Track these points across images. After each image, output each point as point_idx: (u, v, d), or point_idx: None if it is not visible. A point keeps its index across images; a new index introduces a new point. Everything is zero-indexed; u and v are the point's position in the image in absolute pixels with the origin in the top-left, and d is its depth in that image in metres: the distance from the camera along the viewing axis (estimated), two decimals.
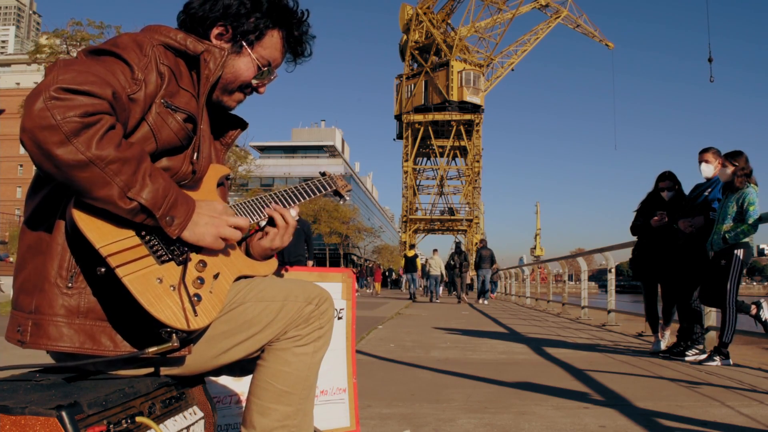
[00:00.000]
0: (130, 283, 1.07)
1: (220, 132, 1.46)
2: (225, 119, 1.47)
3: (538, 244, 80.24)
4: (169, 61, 1.22)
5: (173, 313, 1.09)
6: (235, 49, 1.34)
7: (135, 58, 1.15)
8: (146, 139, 1.17)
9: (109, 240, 1.09)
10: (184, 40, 1.26)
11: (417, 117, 51.60)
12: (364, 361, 4.42)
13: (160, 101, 1.18)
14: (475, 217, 51.72)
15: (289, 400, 1.30)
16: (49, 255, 1.14)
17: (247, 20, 1.34)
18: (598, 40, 54.32)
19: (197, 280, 1.17)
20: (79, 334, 1.12)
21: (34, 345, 1.13)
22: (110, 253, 1.07)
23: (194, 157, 1.26)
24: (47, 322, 1.12)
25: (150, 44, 1.19)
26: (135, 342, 1.15)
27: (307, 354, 1.32)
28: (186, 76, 1.26)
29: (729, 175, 4.48)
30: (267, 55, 1.38)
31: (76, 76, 1.01)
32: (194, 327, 1.11)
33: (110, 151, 1.01)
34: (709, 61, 33.05)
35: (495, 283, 22.76)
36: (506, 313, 11.88)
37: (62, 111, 0.97)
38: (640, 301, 6.79)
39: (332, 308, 1.39)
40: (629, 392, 3.29)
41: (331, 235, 49.49)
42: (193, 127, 1.25)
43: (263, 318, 1.27)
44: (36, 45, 22.77)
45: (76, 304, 1.13)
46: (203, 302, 1.15)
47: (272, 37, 1.38)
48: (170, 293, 1.11)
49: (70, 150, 0.97)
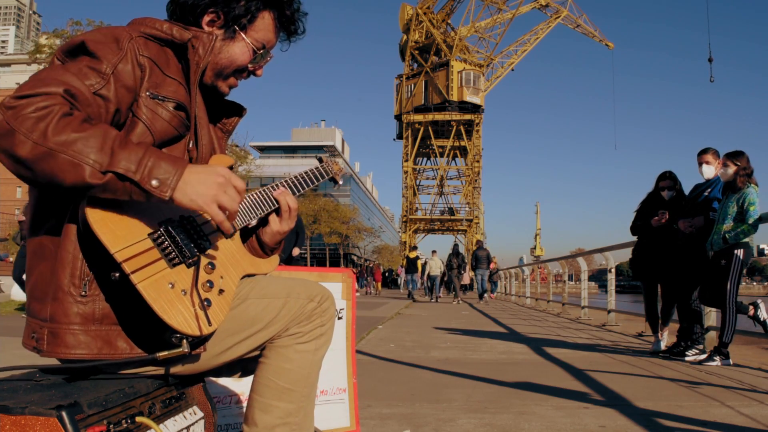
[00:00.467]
0: (144, 290, 1.06)
1: (219, 119, 1.46)
2: (222, 106, 1.46)
3: (538, 244, 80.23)
4: (150, 52, 1.20)
5: (185, 319, 1.10)
6: (229, 34, 1.33)
7: (108, 53, 1.14)
8: (142, 135, 1.17)
9: (123, 244, 1.08)
10: (170, 29, 1.25)
11: (417, 117, 51.59)
12: (364, 361, 4.42)
13: (145, 94, 1.17)
14: (475, 217, 51.70)
15: (290, 397, 1.30)
16: (59, 263, 1.13)
17: (238, 4, 1.33)
18: (598, 40, 54.32)
19: (207, 283, 1.17)
20: (96, 340, 1.13)
21: (51, 354, 1.13)
22: (125, 258, 1.06)
23: (190, 145, 1.26)
24: (64, 331, 1.12)
25: (128, 38, 1.18)
26: (148, 342, 1.16)
27: (309, 351, 1.32)
28: (174, 65, 1.25)
29: (731, 175, 4.47)
30: (260, 37, 1.37)
31: (33, 83, 1.03)
32: (205, 333, 1.12)
33: (69, 134, 1.00)
34: (709, 61, 33.06)
35: (495, 283, 22.78)
36: (506, 313, 11.88)
37: (14, 115, 0.99)
38: (640, 301, 6.79)
39: (334, 306, 1.40)
40: (629, 392, 3.29)
41: (331, 235, 49.49)
42: (186, 115, 1.24)
43: (266, 315, 1.28)
44: (36, 45, 22.75)
45: (91, 311, 1.13)
46: (213, 307, 1.16)
47: (264, 19, 1.37)
48: (182, 298, 1.11)
49: (30, 146, 0.98)
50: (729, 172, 4.49)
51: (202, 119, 1.31)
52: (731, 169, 4.48)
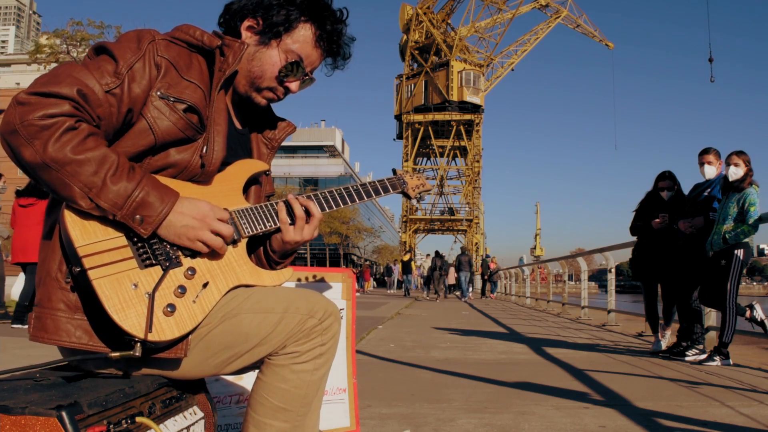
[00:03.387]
0: (99, 287, 1.05)
1: (264, 131, 1.46)
2: (271, 119, 1.46)
3: (538, 244, 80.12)
4: (170, 54, 1.21)
5: (137, 321, 1.06)
6: (263, 40, 1.33)
7: (126, 53, 1.15)
8: (143, 132, 1.17)
9: (92, 239, 1.08)
10: (201, 35, 1.26)
11: (417, 117, 51.54)
12: (364, 361, 4.41)
13: (155, 93, 1.17)
14: (475, 217, 51.67)
15: (285, 416, 1.24)
16: (51, 250, 1.16)
17: (278, 12, 1.32)
18: (598, 40, 54.28)
19: (178, 288, 1.13)
20: (77, 329, 1.13)
21: (34, 338, 1.15)
22: (87, 253, 1.07)
23: (203, 150, 1.24)
24: (46, 315, 1.13)
25: (149, 39, 1.19)
26: (118, 340, 1.13)
27: (307, 372, 1.24)
28: (196, 69, 1.25)
29: (741, 175, 4.45)
30: (297, 49, 1.34)
31: (49, 80, 1.07)
32: (153, 339, 1.07)
33: (65, 153, 1.03)
34: (709, 61, 33.06)
35: (495, 283, 22.82)
36: (506, 313, 11.88)
37: (22, 115, 1.02)
38: (640, 301, 6.79)
39: (338, 323, 1.29)
40: (629, 392, 3.29)
41: (331, 235, 49.46)
42: (198, 119, 1.22)
43: (260, 331, 1.20)
44: (36, 45, 22.75)
45: (74, 299, 1.14)
46: (178, 313, 1.11)
47: (303, 30, 1.34)
48: (143, 300, 1.08)
49: (31, 152, 1.03)
50: (740, 173, 4.46)
51: (219, 126, 1.28)
52: (742, 170, 4.46)
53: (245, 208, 1.30)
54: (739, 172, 4.46)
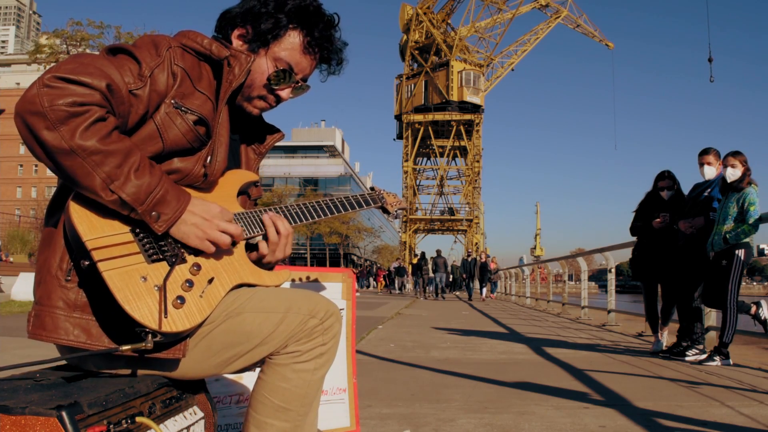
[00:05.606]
0: (109, 278, 1.06)
1: (254, 140, 1.46)
2: (260, 128, 1.46)
3: (538, 244, 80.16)
4: (185, 63, 1.21)
5: (150, 312, 1.08)
6: (252, 48, 1.33)
7: (147, 56, 1.16)
8: (151, 138, 1.17)
9: (99, 234, 1.09)
10: (210, 44, 1.25)
11: (417, 117, 51.59)
12: (364, 361, 4.42)
13: (170, 101, 1.18)
14: (475, 217, 51.73)
15: (286, 416, 1.25)
16: (53, 248, 1.16)
17: (267, 20, 1.32)
18: (598, 40, 54.32)
19: (186, 282, 1.14)
20: (75, 328, 1.13)
21: (32, 336, 1.15)
22: (96, 246, 1.08)
23: (207, 161, 1.25)
24: (45, 313, 1.13)
25: (166, 45, 1.19)
26: (122, 338, 1.14)
27: (308, 371, 1.25)
28: (206, 80, 1.25)
29: (740, 176, 4.45)
30: (286, 56, 1.34)
31: (76, 67, 1.04)
32: (166, 329, 1.08)
33: (93, 142, 1.03)
34: (709, 61, 33.09)
35: (495, 283, 22.84)
36: (506, 313, 11.88)
37: (51, 98, 1.00)
38: (640, 301, 6.79)
39: (339, 323, 1.30)
40: (629, 392, 3.29)
41: (331, 235, 49.53)
42: (206, 131, 1.23)
43: (262, 330, 1.21)
44: (36, 45, 22.80)
45: (74, 297, 1.14)
46: (187, 306, 1.12)
47: (291, 38, 1.34)
48: (152, 293, 1.10)
49: (56, 136, 1.01)
50: (737, 174, 4.46)
51: (222, 137, 1.29)
52: (739, 170, 4.46)
53: (243, 212, 1.34)
54: (737, 173, 4.46)
